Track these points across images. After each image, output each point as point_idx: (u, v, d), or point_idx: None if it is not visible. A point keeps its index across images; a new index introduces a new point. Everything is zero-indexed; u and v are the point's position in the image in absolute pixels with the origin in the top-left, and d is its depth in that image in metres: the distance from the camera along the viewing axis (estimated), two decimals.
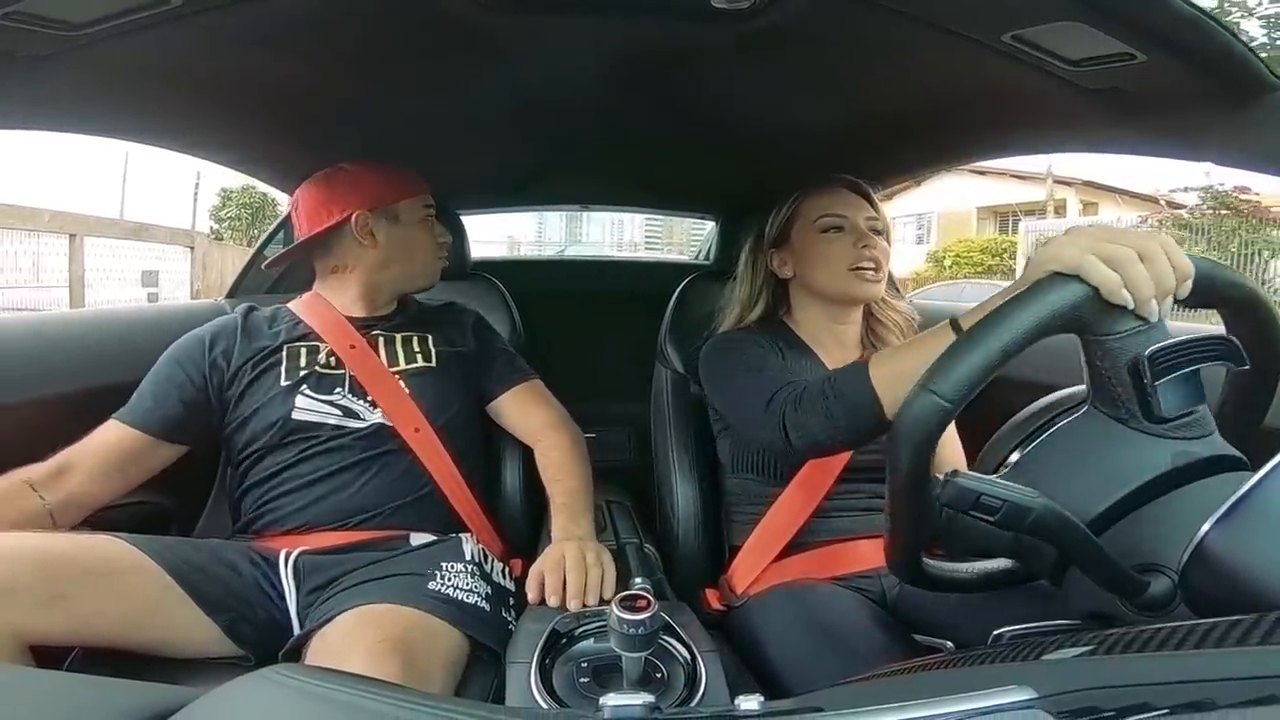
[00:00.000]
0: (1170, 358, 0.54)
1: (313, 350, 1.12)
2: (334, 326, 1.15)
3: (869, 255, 1.07)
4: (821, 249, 1.10)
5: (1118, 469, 0.55)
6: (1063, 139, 1.12)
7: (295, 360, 1.10)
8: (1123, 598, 0.52)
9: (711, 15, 0.79)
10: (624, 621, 0.61)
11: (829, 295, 1.12)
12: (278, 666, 0.38)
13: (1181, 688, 0.31)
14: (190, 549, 0.96)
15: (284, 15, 0.80)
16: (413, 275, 1.23)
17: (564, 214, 8.35)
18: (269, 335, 1.14)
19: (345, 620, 0.84)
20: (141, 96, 0.97)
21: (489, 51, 0.94)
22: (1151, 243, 0.56)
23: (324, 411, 1.07)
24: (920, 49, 0.87)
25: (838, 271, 1.08)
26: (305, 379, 1.08)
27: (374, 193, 1.16)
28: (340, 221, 1.14)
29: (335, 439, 1.06)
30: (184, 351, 1.11)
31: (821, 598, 0.94)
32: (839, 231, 1.10)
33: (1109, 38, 0.70)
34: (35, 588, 0.77)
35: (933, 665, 0.48)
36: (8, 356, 1.09)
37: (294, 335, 1.14)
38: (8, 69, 0.75)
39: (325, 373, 1.10)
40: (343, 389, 1.09)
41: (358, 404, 1.08)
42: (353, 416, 1.08)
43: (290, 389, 1.07)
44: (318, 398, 1.08)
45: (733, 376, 1.03)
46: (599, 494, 1.37)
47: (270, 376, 1.09)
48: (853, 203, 1.12)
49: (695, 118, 1.22)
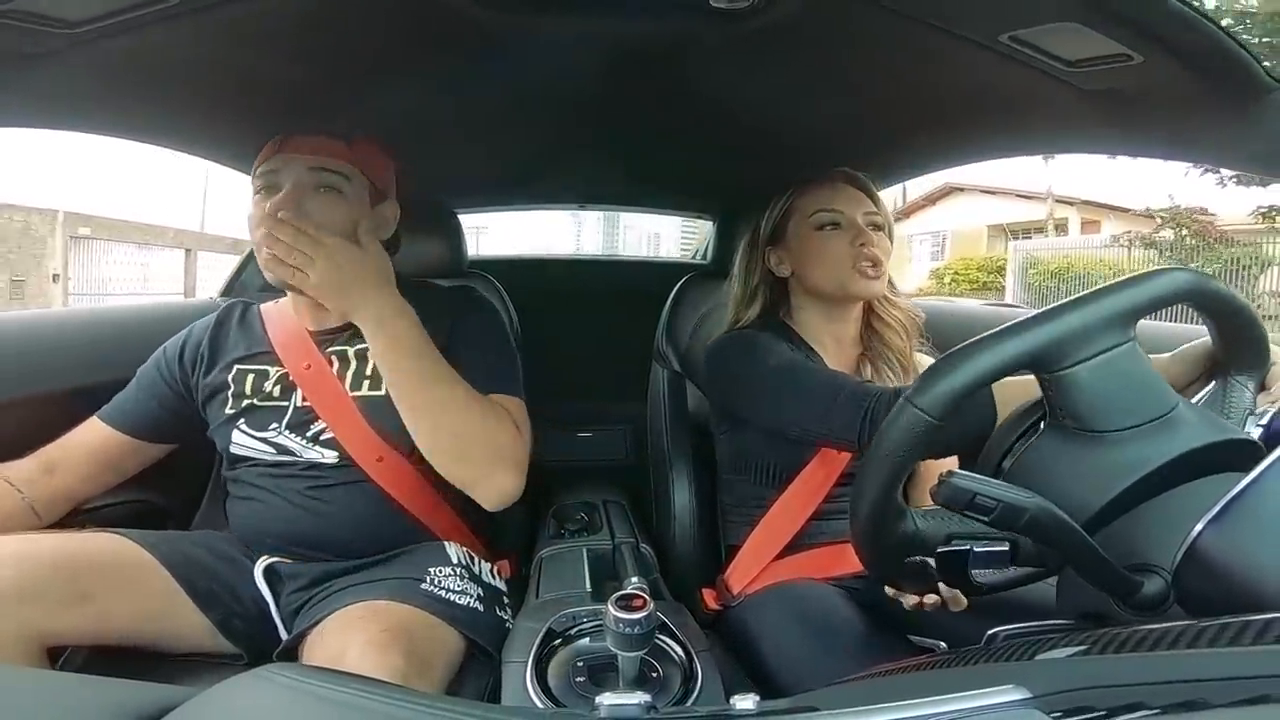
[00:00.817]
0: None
1: (260, 375, 1.02)
2: (292, 342, 1.03)
3: (868, 253, 1.04)
4: (818, 246, 1.07)
5: (1098, 474, 0.56)
6: (1060, 140, 1.12)
7: (241, 386, 1.01)
8: (1116, 598, 0.52)
9: (710, 14, 0.79)
10: (620, 621, 0.61)
11: (827, 294, 1.09)
12: (273, 665, 0.38)
13: (1174, 687, 0.31)
14: (186, 543, 0.96)
15: (280, 12, 0.80)
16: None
17: (601, 221, 8.27)
18: (228, 349, 1.06)
19: (343, 615, 0.83)
20: (140, 94, 0.96)
21: (487, 49, 0.93)
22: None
23: (258, 449, 0.99)
24: (918, 49, 0.87)
25: (836, 269, 1.05)
26: (244, 412, 1.00)
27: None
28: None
29: (280, 470, 0.98)
30: (163, 354, 1.08)
31: (817, 598, 0.94)
32: (836, 228, 1.07)
33: (1106, 39, 0.71)
34: (60, 589, 0.78)
35: (927, 665, 0.48)
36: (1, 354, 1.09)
37: (249, 353, 1.04)
38: (5, 67, 0.75)
39: (263, 405, 1.00)
40: (279, 424, 0.99)
41: (294, 441, 0.98)
42: (287, 453, 0.98)
43: (230, 419, 1.01)
44: (252, 434, 1.00)
45: (767, 372, 0.99)
46: (593, 493, 1.37)
47: (218, 400, 1.02)
48: (851, 197, 1.09)
49: (693, 116, 1.22)
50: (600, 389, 1.95)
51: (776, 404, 0.97)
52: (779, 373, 0.98)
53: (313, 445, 0.98)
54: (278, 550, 0.98)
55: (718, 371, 1.08)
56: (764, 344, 1.03)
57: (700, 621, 0.88)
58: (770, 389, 0.98)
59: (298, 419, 0.99)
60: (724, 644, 1.00)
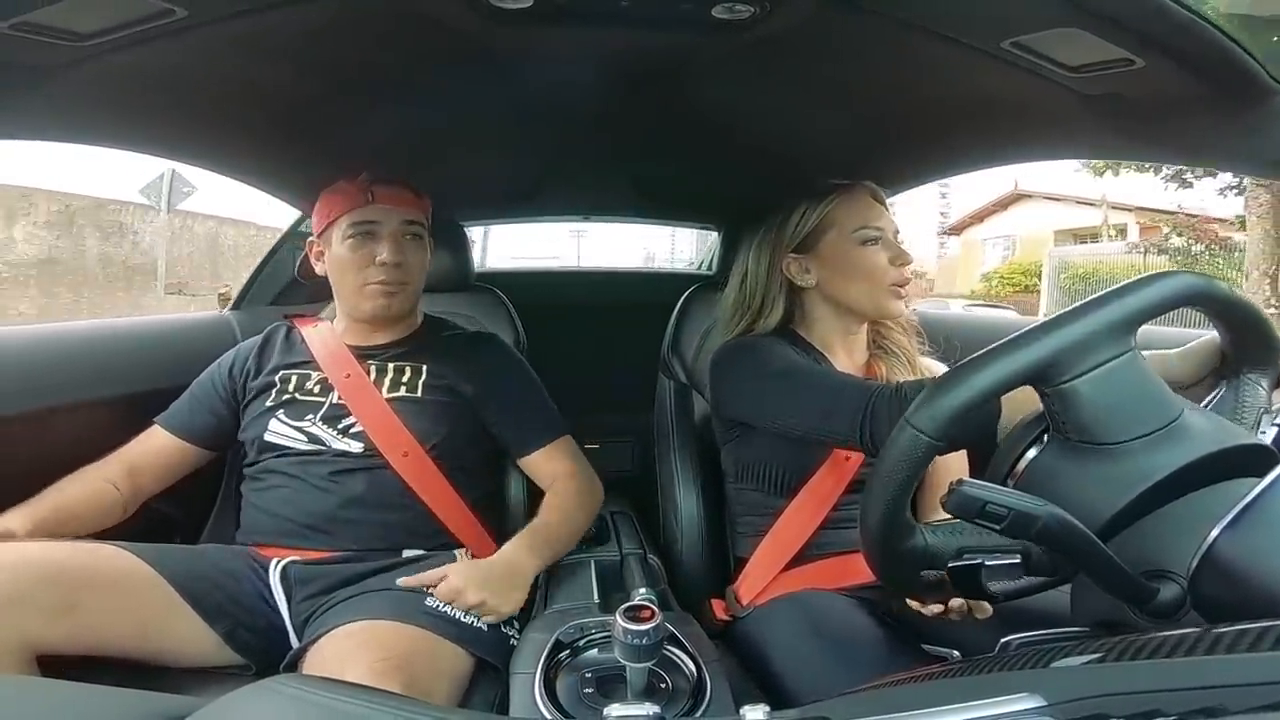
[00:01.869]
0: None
1: (303, 377, 1.14)
2: (334, 355, 1.15)
3: (904, 274, 1.04)
4: (862, 263, 1.04)
5: (1106, 485, 0.55)
6: (1063, 145, 1.12)
7: (285, 385, 1.13)
8: (1132, 605, 0.51)
9: (712, 25, 0.80)
10: (628, 632, 0.60)
11: (858, 309, 1.08)
12: (280, 677, 0.38)
13: (1192, 694, 0.31)
14: (191, 557, 0.97)
15: (288, 27, 0.80)
16: (348, 302, 1.16)
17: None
18: (277, 357, 1.18)
19: (343, 635, 0.84)
20: (148, 108, 0.97)
21: (493, 63, 0.94)
22: None
23: (292, 436, 1.09)
24: (920, 57, 0.87)
25: (876, 288, 1.04)
26: (284, 404, 1.11)
27: (322, 213, 1.16)
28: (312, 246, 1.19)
29: (309, 458, 1.07)
30: (216, 368, 1.19)
31: (828, 607, 0.93)
32: (876, 244, 1.05)
33: (1107, 44, 0.70)
34: (45, 597, 0.78)
35: (940, 674, 0.47)
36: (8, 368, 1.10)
37: (295, 360, 1.17)
38: (16, 79, 0.76)
39: (303, 399, 1.11)
40: (314, 416, 1.09)
41: (326, 432, 1.08)
42: (317, 443, 1.08)
43: (269, 410, 1.11)
44: (289, 423, 1.10)
45: (770, 374, 0.99)
46: (603, 505, 1.37)
47: (261, 399, 1.13)
48: (882, 214, 1.08)
49: (697, 127, 1.22)
50: (607, 401, 1.95)
51: (780, 405, 0.96)
52: (782, 375, 0.98)
53: (342, 437, 1.08)
54: (296, 538, 1.02)
55: (722, 377, 1.08)
56: (766, 347, 1.03)
57: (709, 633, 0.87)
58: (773, 390, 0.98)
59: (331, 413, 1.10)
60: (733, 655, 0.99)
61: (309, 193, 1.21)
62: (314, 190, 1.19)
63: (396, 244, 1.11)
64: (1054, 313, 0.58)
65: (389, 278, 1.11)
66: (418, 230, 1.16)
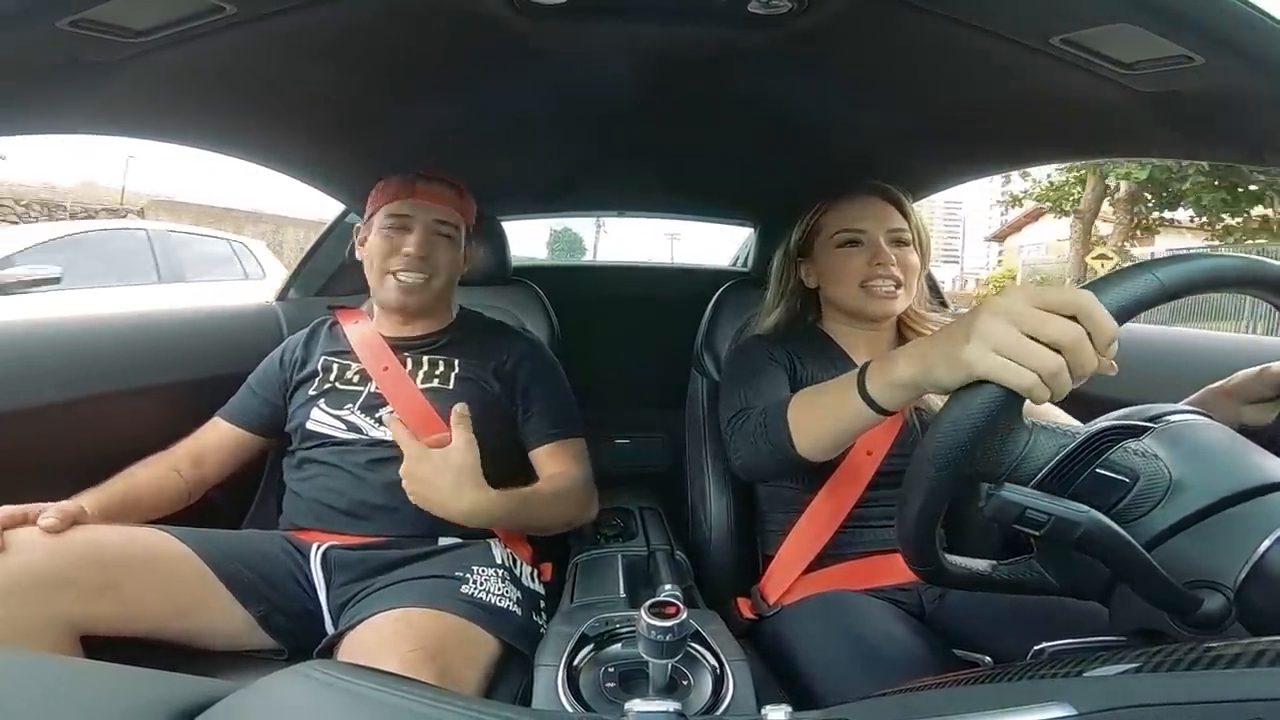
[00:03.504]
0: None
1: (344, 367, 1.19)
2: (370, 346, 1.20)
3: (882, 273, 1.05)
4: (837, 265, 1.09)
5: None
6: (1117, 144, 1.09)
7: (327, 374, 1.18)
8: (1173, 615, 0.50)
9: (749, 19, 0.79)
10: (652, 628, 0.60)
11: (845, 309, 1.12)
12: (314, 663, 0.38)
13: (1229, 707, 0.30)
14: (230, 540, 0.99)
15: (331, 24, 0.82)
16: (375, 289, 1.21)
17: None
18: (321, 347, 1.24)
19: (379, 623, 0.85)
20: (199, 103, 1.00)
21: (530, 58, 0.95)
22: (1072, 332, 0.51)
23: (331, 424, 1.13)
24: (964, 53, 0.85)
25: (850, 288, 1.08)
26: (325, 393, 1.16)
27: (371, 203, 1.21)
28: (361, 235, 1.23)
29: (348, 447, 1.11)
30: (270, 360, 1.25)
31: (855, 607, 0.92)
32: (856, 246, 1.08)
33: (1164, 40, 0.68)
34: (87, 577, 0.81)
35: (968, 679, 0.46)
36: (57, 356, 1.15)
37: (335, 349, 1.22)
38: (73, 75, 0.79)
39: (343, 388, 1.16)
40: (353, 405, 1.13)
41: (364, 420, 1.12)
42: (356, 430, 1.12)
43: (312, 399, 1.16)
44: (329, 411, 1.14)
45: (730, 387, 1.06)
46: (630, 500, 1.37)
47: (306, 387, 1.18)
48: (877, 214, 1.08)
49: (733, 123, 1.22)
50: (639, 396, 1.95)
51: (723, 408, 1.05)
52: (737, 387, 1.04)
53: (379, 425, 1.11)
54: (336, 523, 1.05)
55: (722, 377, 1.14)
56: (748, 357, 1.09)
57: (735, 631, 0.87)
58: (724, 393, 1.07)
59: (369, 402, 1.14)
60: (759, 654, 0.98)
61: (351, 187, 1.23)
62: (356, 185, 1.22)
63: (425, 238, 1.16)
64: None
65: (410, 268, 1.15)
66: (449, 230, 1.19)
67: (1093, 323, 0.50)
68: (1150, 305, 0.51)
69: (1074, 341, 0.50)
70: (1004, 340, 0.51)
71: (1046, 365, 0.50)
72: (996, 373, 0.51)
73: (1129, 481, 0.53)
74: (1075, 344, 0.50)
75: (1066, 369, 0.51)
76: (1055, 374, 0.50)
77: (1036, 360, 0.50)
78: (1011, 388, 0.51)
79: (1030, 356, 0.50)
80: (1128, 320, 0.51)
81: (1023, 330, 0.51)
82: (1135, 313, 0.51)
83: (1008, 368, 0.51)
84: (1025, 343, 0.51)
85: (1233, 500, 0.50)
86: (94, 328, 1.27)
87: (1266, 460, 0.54)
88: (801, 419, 0.85)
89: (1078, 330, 0.50)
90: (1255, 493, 0.50)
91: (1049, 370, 0.50)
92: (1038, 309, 0.52)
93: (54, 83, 0.79)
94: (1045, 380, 0.50)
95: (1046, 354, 0.50)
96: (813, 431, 0.83)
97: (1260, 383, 0.69)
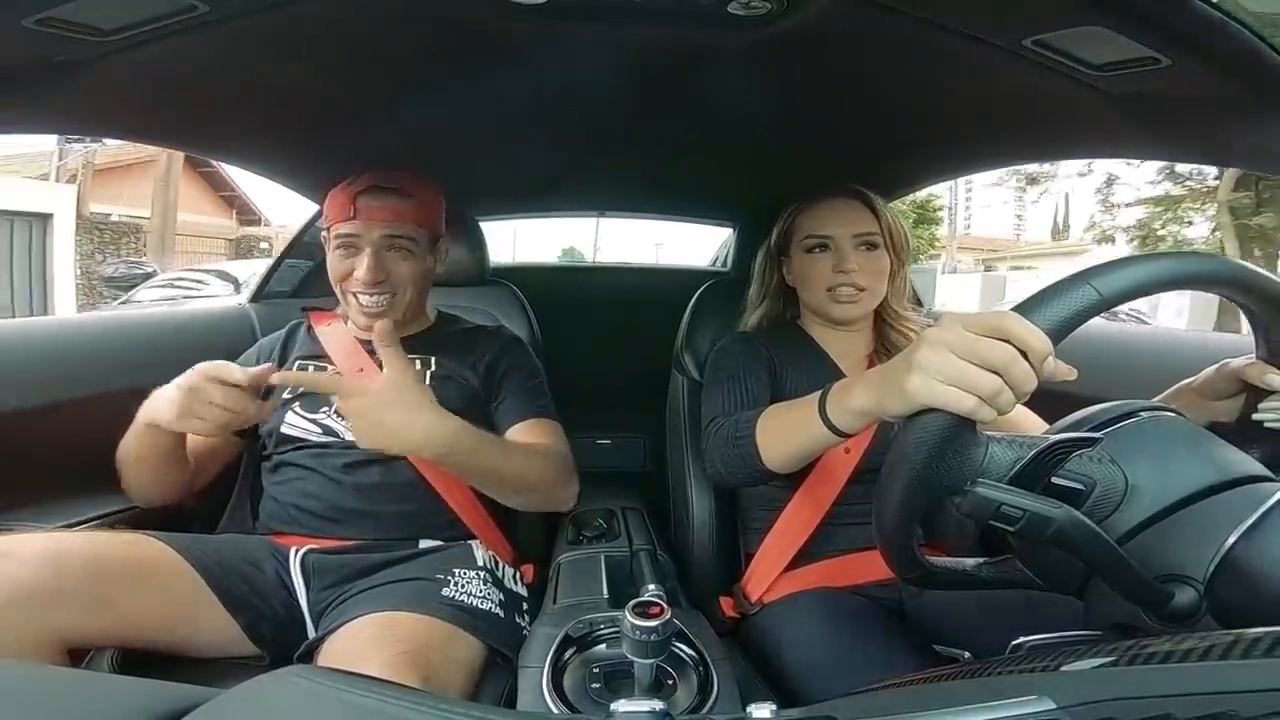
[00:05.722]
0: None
1: (319, 369, 1.17)
2: (345, 348, 1.19)
3: (844, 280, 1.07)
4: (805, 268, 1.12)
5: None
6: (1086, 144, 1.11)
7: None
8: (1146, 609, 0.51)
9: (730, 21, 0.79)
10: (636, 628, 0.61)
11: (814, 312, 1.15)
12: (296, 667, 0.38)
13: (1205, 699, 0.30)
14: (220, 546, 0.98)
15: (309, 23, 0.81)
16: (342, 306, 1.18)
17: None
18: (296, 351, 1.22)
19: (361, 627, 0.84)
20: (171, 103, 0.99)
21: (510, 58, 0.94)
22: (1005, 354, 0.52)
23: (306, 428, 1.11)
24: (940, 54, 0.86)
25: (818, 292, 1.10)
26: (300, 396, 1.14)
27: (324, 216, 1.16)
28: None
29: (324, 450, 1.09)
30: (245, 360, 1.20)
31: (837, 605, 0.93)
32: (823, 251, 1.09)
33: (1132, 42, 0.69)
34: (83, 590, 0.79)
35: (950, 675, 0.47)
36: (30, 360, 1.12)
37: (309, 353, 1.20)
38: (41, 75, 0.77)
39: (317, 392, 1.12)
40: (328, 409, 1.11)
41: (339, 423, 1.10)
42: (331, 434, 1.10)
43: (287, 403, 1.13)
44: (305, 415, 1.12)
45: (711, 389, 1.08)
46: (612, 500, 1.37)
47: (282, 390, 1.14)
48: (845, 218, 1.09)
49: (713, 124, 1.22)
50: (620, 397, 1.95)
51: (704, 410, 1.06)
52: (715, 389, 1.06)
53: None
54: (314, 527, 1.04)
55: (705, 377, 1.15)
56: (728, 359, 1.11)
57: (719, 630, 0.87)
58: (706, 395, 1.08)
59: None
60: (743, 652, 0.99)
61: (327, 188, 1.22)
62: (331, 186, 1.20)
63: (376, 259, 1.10)
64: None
65: (368, 291, 1.11)
66: (404, 244, 1.13)
67: (1023, 342, 0.52)
68: (1090, 315, 0.52)
69: (1006, 363, 0.52)
70: (942, 368, 0.53)
71: (984, 388, 0.52)
72: (939, 399, 0.53)
73: (1085, 489, 0.55)
74: (1008, 364, 0.52)
75: (1006, 388, 0.52)
76: (995, 394, 0.52)
77: (973, 384, 0.52)
78: (955, 412, 0.52)
79: (967, 380, 0.52)
80: (1069, 333, 0.52)
81: (959, 356, 0.53)
82: (1075, 325, 0.52)
83: (949, 393, 0.53)
84: (963, 368, 0.53)
85: (1190, 499, 0.52)
86: (64, 330, 1.24)
87: (1225, 455, 0.55)
88: (768, 435, 0.88)
89: (1010, 351, 0.52)
90: (1214, 490, 0.52)
91: (988, 392, 0.52)
92: (970, 334, 0.53)
93: (22, 81, 0.77)
94: (987, 400, 0.52)
95: (983, 376, 0.52)
96: (778, 447, 0.86)
97: (1220, 379, 0.72)
